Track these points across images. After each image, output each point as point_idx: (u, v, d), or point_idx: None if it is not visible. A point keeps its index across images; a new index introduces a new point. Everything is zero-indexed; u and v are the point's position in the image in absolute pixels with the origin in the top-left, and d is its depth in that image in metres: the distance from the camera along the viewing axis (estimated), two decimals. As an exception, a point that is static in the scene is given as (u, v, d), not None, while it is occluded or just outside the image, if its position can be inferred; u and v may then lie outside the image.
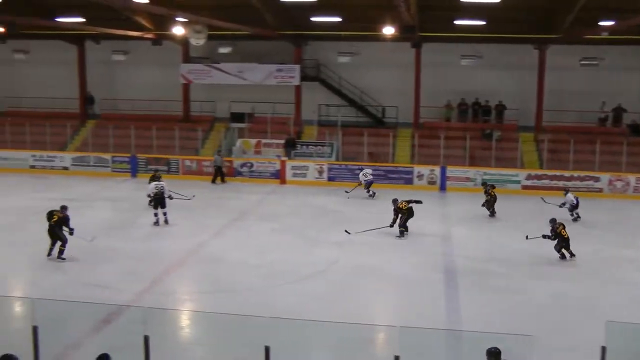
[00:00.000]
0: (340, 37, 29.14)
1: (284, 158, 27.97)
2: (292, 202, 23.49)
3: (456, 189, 26.44)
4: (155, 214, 19.99)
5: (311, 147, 28.97)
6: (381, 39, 27.51)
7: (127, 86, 33.23)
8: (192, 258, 16.80)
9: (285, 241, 18.48)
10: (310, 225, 20.29)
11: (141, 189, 23.30)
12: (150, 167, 28.29)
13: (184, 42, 29.61)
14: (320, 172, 27.59)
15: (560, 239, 16.55)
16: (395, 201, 18.80)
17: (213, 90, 31.87)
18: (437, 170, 26.98)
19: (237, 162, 28.28)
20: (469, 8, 25.80)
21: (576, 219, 21.14)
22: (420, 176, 27.04)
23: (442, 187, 26.77)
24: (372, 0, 25.86)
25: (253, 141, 29.44)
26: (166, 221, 19.95)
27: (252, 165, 28.11)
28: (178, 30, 25.10)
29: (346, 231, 18.90)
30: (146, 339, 8.29)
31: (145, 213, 21.34)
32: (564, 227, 16.69)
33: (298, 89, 30.83)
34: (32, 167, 29.71)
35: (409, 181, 26.78)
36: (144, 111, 32.34)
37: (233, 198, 24.36)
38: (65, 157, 29.60)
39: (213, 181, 27.39)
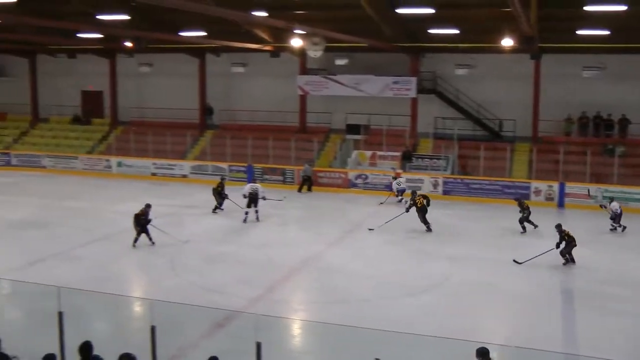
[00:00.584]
0: (458, 49, 28.73)
1: (399, 170, 27.82)
2: (406, 215, 23.32)
3: (575, 206, 25.37)
4: (246, 212, 21.77)
5: (426, 160, 28.68)
6: (499, 50, 26.89)
7: (245, 97, 34.17)
8: (306, 267, 16.99)
9: (399, 254, 18.37)
10: (425, 239, 20.07)
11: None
12: (265, 176, 28.92)
13: (302, 54, 30.10)
14: (435, 185, 27.25)
15: (567, 241, 17.00)
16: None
17: (329, 101, 32.21)
18: (556, 186, 26.02)
19: (351, 174, 28.40)
20: (591, 17, 24.75)
21: (616, 228, 20.89)
22: (537, 192, 26.17)
23: (560, 204, 25.77)
24: (490, 11, 25.32)
25: (368, 153, 29.47)
26: (257, 218, 21.81)
27: (366, 177, 28.16)
28: (296, 42, 25.56)
29: (370, 229, 20.42)
30: (258, 346, 8.44)
31: (255, 224, 21.82)
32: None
33: (414, 101, 30.60)
34: (154, 174, 31.08)
35: (526, 197, 25.96)
36: (261, 122, 33.13)
37: (348, 209, 24.47)
38: (185, 166, 30.76)
39: (299, 190, 27.90)
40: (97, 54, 35.00)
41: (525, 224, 21.08)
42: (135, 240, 18.48)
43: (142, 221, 18.49)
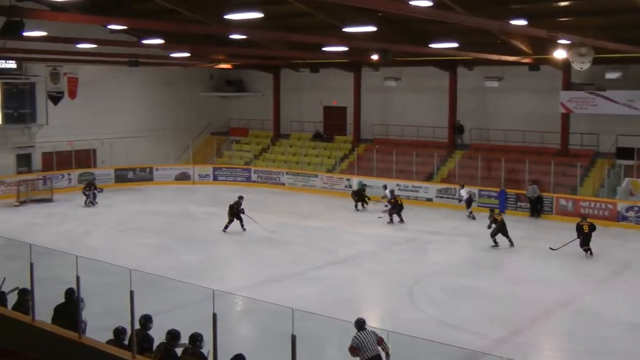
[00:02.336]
0: None
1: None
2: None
3: None
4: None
5: None
6: None
7: (499, 115, 33.81)
8: (562, 309, 16.47)
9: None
10: None
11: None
12: (520, 204, 28.38)
13: (565, 66, 29.20)
14: None
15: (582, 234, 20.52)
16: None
17: (596, 121, 30.84)
18: None
19: (621, 205, 26.90)
20: None
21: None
22: None
23: None
24: None
25: (643, 181, 27.74)
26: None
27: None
28: (559, 54, 24.90)
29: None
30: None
31: (509, 254, 21.55)
32: (589, 225, 21.06)
33: None
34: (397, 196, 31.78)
35: None
36: (517, 142, 32.55)
37: (615, 246, 23.24)
38: (430, 188, 31.15)
39: (531, 215, 27.90)
40: (341, 68, 36.79)
41: None
42: (226, 227, 24.32)
43: (234, 211, 24.34)
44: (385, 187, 29.55)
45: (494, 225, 22.76)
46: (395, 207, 26.55)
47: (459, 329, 14.69)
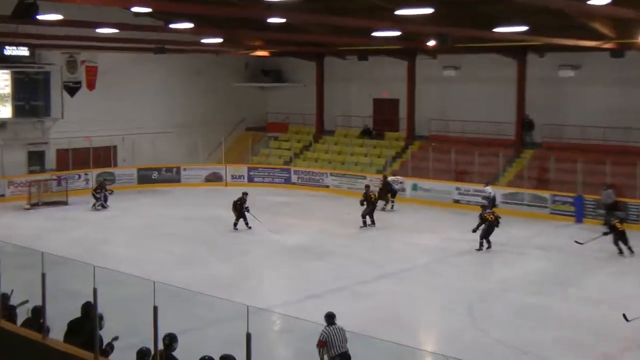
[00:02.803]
0: None
1: None
2: None
3: None
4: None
5: None
6: None
7: (575, 109, 33.26)
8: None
9: None
10: None
11: (584, 236, 23.07)
12: (599, 211, 27.84)
13: (654, 53, 28.65)
14: None
15: (615, 232, 22.28)
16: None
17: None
18: None
19: None
20: None
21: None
22: None
23: None
24: None
25: None
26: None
27: None
28: (647, 38, 24.45)
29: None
30: None
31: (588, 270, 21.18)
32: (619, 221, 22.69)
33: None
34: (456, 201, 31.62)
35: None
36: (596, 141, 31.99)
37: None
38: (496, 192, 30.76)
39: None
40: (393, 56, 36.65)
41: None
42: (235, 224, 26.10)
43: (238, 207, 26.07)
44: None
45: (482, 226, 23.54)
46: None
47: (530, 355, 14.45)
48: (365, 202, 27.41)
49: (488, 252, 23.31)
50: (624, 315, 15.28)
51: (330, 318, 12.00)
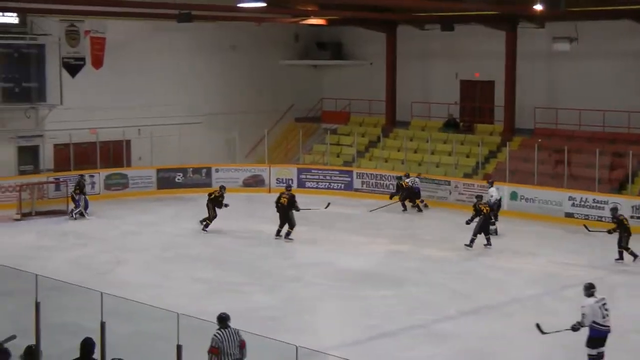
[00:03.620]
0: None
1: None
2: None
3: None
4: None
5: None
6: None
7: None
8: None
9: None
10: None
11: None
12: None
13: None
14: None
15: (622, 229, 24.46)
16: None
17: None
18: None
19: None
20: None
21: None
22: None
23: None
24: None
25: None
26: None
27: None
28: None
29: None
30: None
31: None
32: (625, 218, 24.97)
33: None
34: (569, 215, 31.25)
35: None
36: None
37: None
38: (623, 203, 30.43)
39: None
40: (486, 24, 36.41)
41: None
42: (207, 224, 28.82)
43: (215, 203, 28.71)
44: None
45: (477, 219, 26.12)
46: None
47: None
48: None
49: (615, 283, 22.99)
50: (538, 326, 16.29)
51: (223, 320, 12.66)
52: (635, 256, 24.65)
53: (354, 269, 24.14)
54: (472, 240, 25.89)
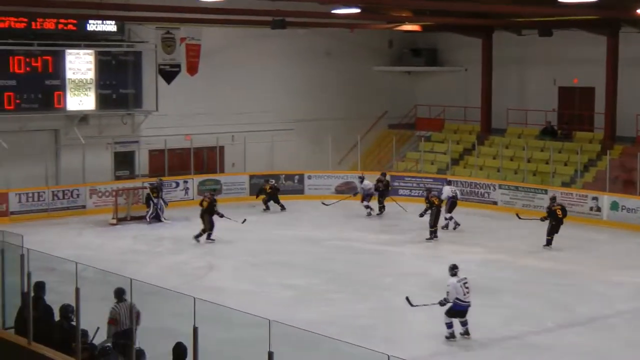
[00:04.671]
0: None
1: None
2: None
3: None
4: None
5: None
6: None
7: None
8: None
9: None
10: None
11: None
12: None
13: None
14: None
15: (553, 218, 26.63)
16: None
17: None
18: None
19: None
20: None
21: None
22: None
23: None
24: None
25: None
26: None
27: None
28: None
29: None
30: None
31: None
32: (561, 208, 26.74)
33: None
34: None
35: None
36: None
37: None
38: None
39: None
40: (586, 29, 36.00)
41: None
42: (209, 234, 28.43)
43: (209, 210, 28.29)
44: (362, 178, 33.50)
45: (429, 212, 28.07)
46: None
47: None
48: None
49: None
50: (407, 299, 19.12)
51: (119, 294, 14.23)
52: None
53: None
54: (431, 232, 28.48)
